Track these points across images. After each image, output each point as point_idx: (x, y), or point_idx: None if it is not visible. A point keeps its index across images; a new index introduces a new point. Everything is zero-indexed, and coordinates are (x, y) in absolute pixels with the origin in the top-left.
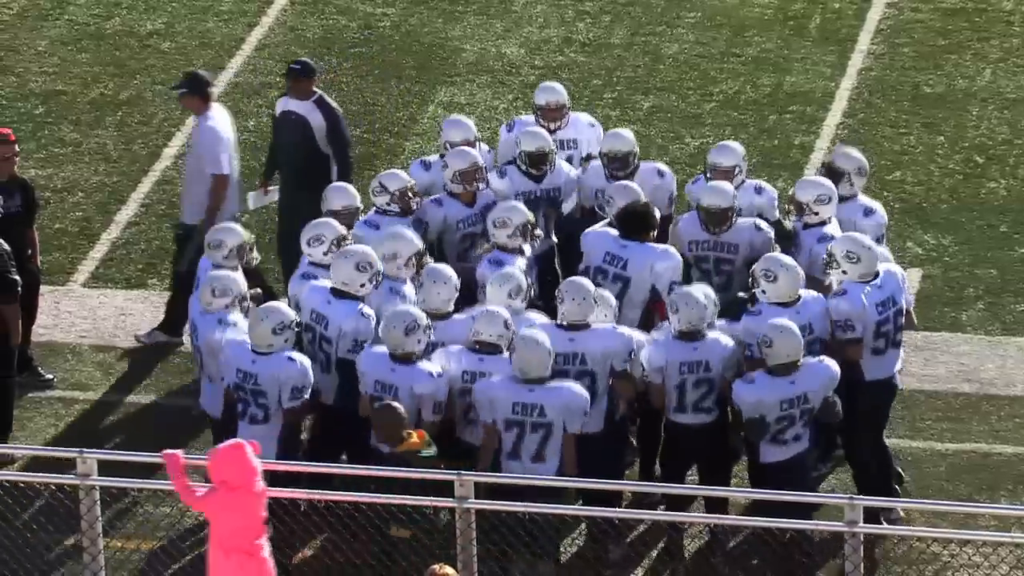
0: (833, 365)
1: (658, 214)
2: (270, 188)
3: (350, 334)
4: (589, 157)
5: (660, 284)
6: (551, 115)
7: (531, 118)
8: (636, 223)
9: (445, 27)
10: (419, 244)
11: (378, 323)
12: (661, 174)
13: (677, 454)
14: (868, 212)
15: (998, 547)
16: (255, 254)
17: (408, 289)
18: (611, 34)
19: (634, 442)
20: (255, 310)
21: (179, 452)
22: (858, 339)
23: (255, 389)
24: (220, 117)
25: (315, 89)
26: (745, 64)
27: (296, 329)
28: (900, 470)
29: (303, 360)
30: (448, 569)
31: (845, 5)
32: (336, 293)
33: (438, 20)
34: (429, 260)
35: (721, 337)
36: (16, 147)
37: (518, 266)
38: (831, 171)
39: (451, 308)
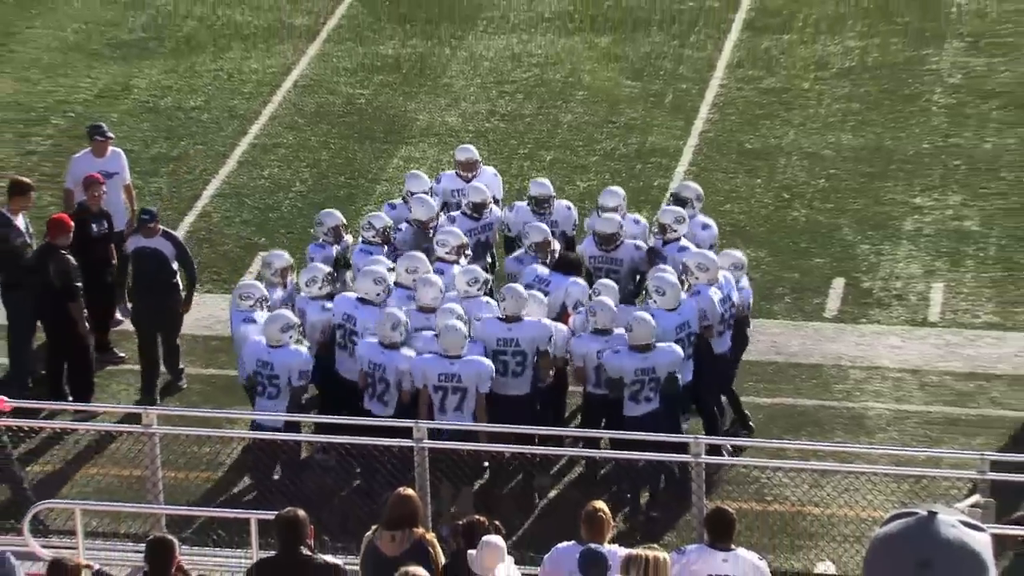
0: (679, 351)
1: (570, 233)
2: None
3: (372, 330)
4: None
5: (569, 301)
6: (467, 168)
7: (452, 173)
8: (569, 267)
9: (404, 103)
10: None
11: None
12: (569, 208)
13: (591, 415)
14: (705, 227)
15: (800, 472)
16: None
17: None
18: (523, 107)
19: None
20: (268, 316)
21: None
22: (710, 326)
23: (270, 375)
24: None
25: (160, 227)
26: (619, 128)
27: (300, 330)
28: (751, 424)
29: (307, 352)
30: (410, 491)
31: (690, 85)
32: (361, 300)
33: (399, 98)
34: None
35: (626, 334)
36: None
37: (473, 267)
38: (678, 199)
39: (439, 303)
